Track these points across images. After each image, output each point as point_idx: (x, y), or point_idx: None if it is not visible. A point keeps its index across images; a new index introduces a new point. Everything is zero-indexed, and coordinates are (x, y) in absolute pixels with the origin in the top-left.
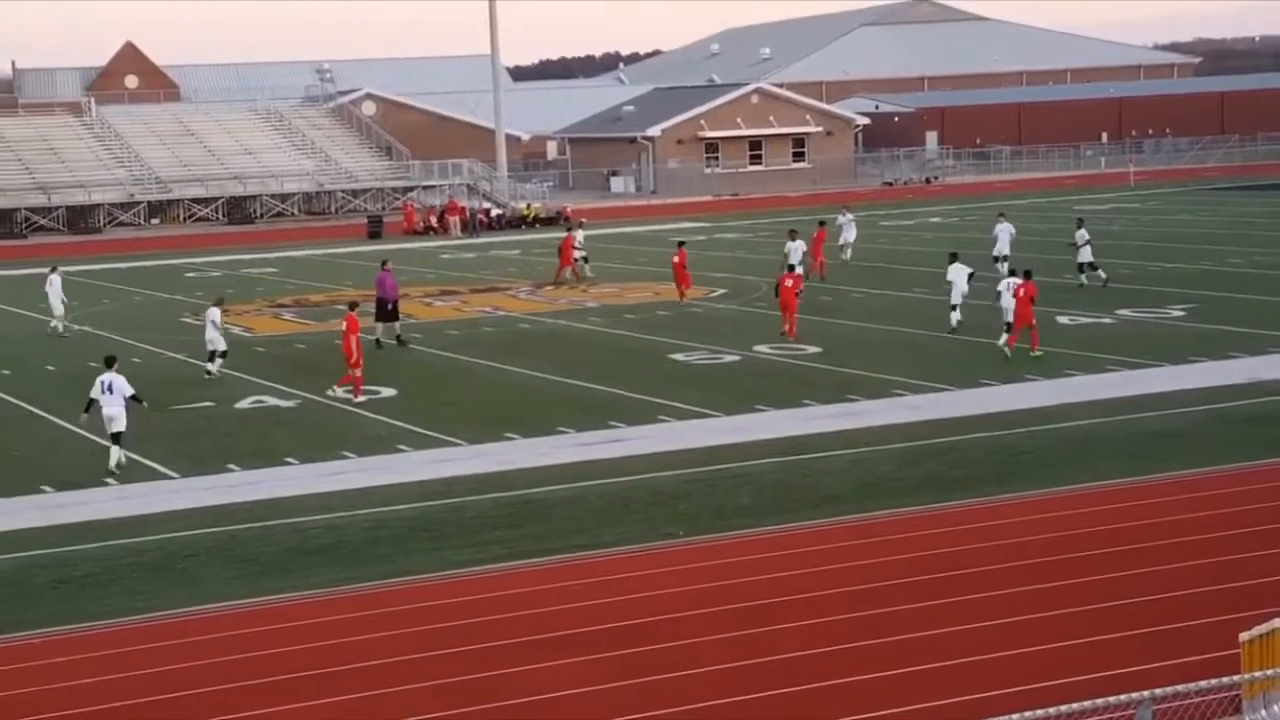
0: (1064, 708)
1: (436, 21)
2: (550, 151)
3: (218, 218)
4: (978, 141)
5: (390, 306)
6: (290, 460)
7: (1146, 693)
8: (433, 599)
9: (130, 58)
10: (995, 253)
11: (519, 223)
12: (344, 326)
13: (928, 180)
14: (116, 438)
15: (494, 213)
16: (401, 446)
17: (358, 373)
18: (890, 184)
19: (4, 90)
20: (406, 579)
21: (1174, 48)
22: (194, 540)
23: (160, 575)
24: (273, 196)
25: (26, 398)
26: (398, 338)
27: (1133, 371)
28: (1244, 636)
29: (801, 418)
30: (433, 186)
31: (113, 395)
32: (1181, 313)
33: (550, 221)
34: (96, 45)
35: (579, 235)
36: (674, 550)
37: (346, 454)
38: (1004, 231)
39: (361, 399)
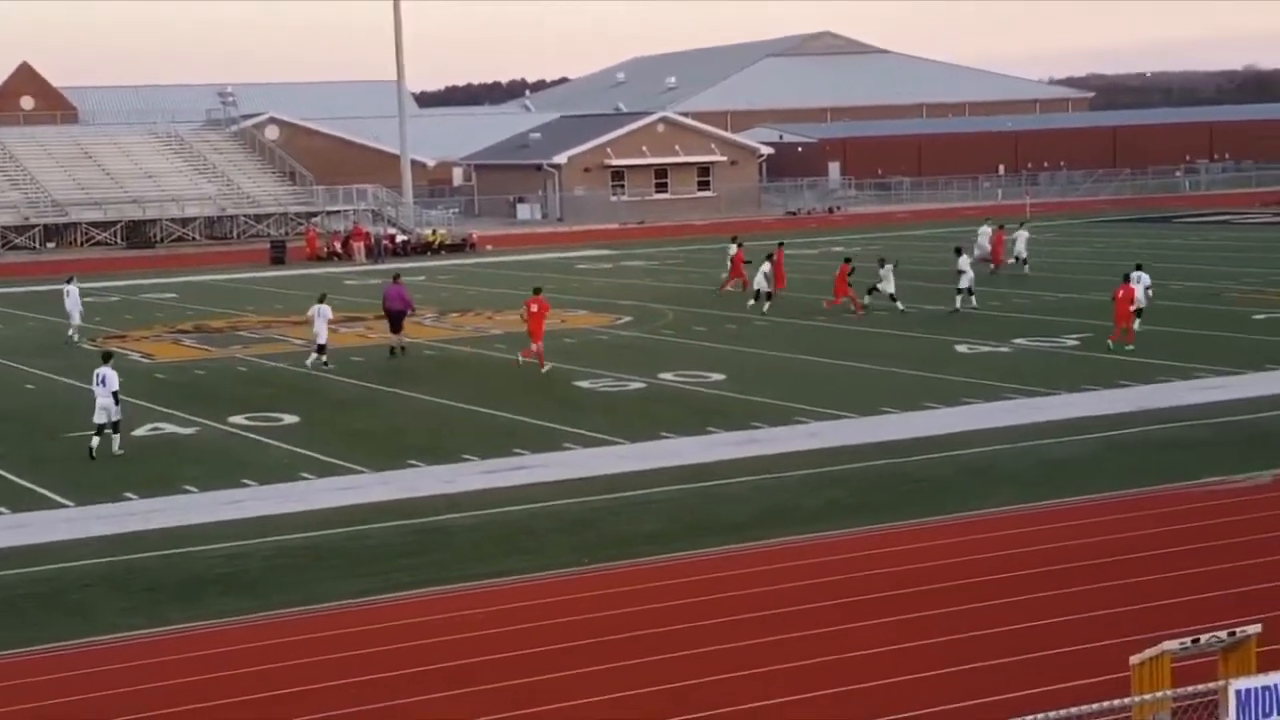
0: None
1: (342, 46)
2: (456, 178)
3: (116, 242)
4: (879, 172)
5: (401, 317)
6: (189, 488)
7: (1041, 715)
8: (334, 628)
9: (26, 78)
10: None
11: (424, 249)
12: (533, 309)
13: (830, 210)
14: (115, 426)
15: (399, 239)
16: (304, 474)
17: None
18: (794, 213)
19: None
20: (308, 608)
21: (1069, 83)
22: (89, 570)
23: (53, 606)
24: (173, 221)
25: None
26: (397, 349)
27: (1029, 399)
28: (1134, 659)
29: (706, 445)
30: (337, 212)
31: (104, 387)
32: (1076, 342)
33: (456, 248)
34: None
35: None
36: (578, 578)
37: (247, 481)
38: (1020, 238)
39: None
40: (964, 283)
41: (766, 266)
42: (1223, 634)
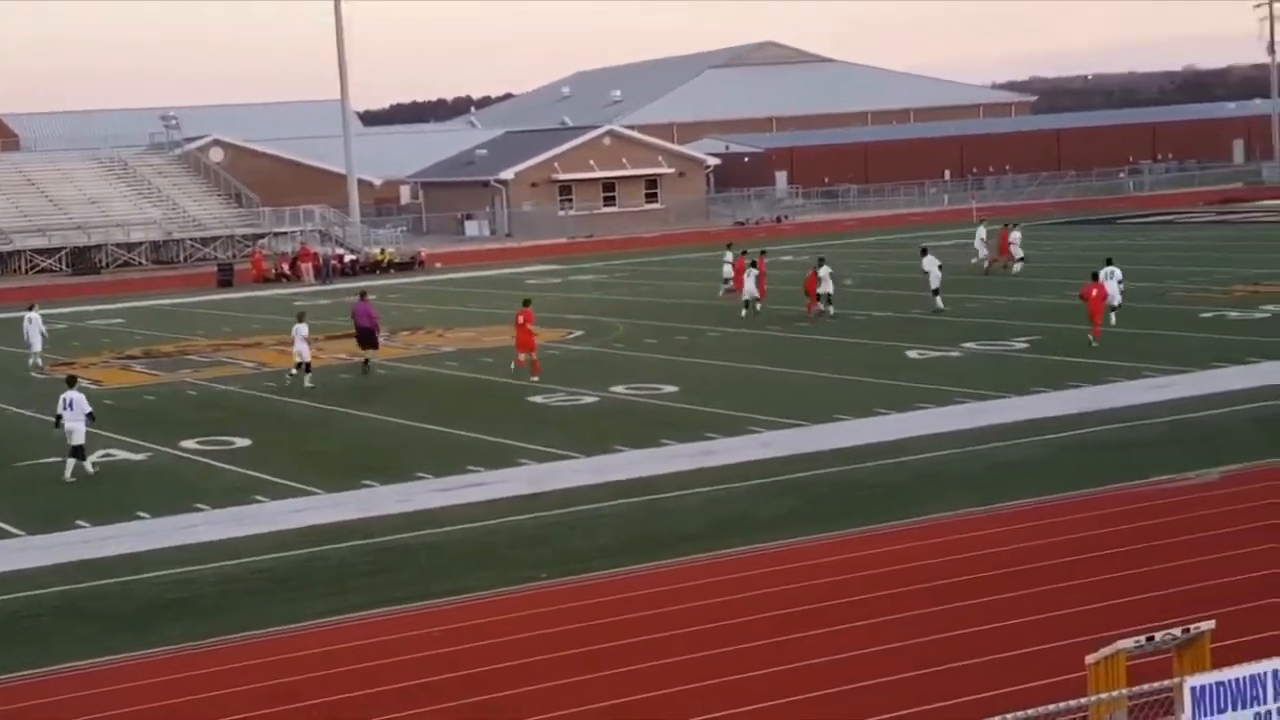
0: None
1: (285, 67)
2: (403, 196)
3: (61, 268)
4: (826, 180)
5: (372, 334)
6: (142, 514)
7: (999, 717)
8: (291, 650)
9: None
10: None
11: (373, 268)
12: (520, 320)
13: (779, 219)
14: (76, 451)
15: (348, 258)
16: (258, 497)
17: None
18: (742, 223)
19: None
20: (264, 631)
21: (1011, 86)
22: (41, 599)
23: (5, 636)
24: (119, 246)
25: None
26: (369, 364)
27: (979, 403)
28: (1090, 659)
29: (660, 457)
30: (284, 233)
31: (73, 411)
32: (1025, 345)
33: (405, 266)
34: None
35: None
36: (535, 593)
37: (200, 506)
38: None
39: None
40: (934, 283)
41: (754, 274)
42: (1177, 631)
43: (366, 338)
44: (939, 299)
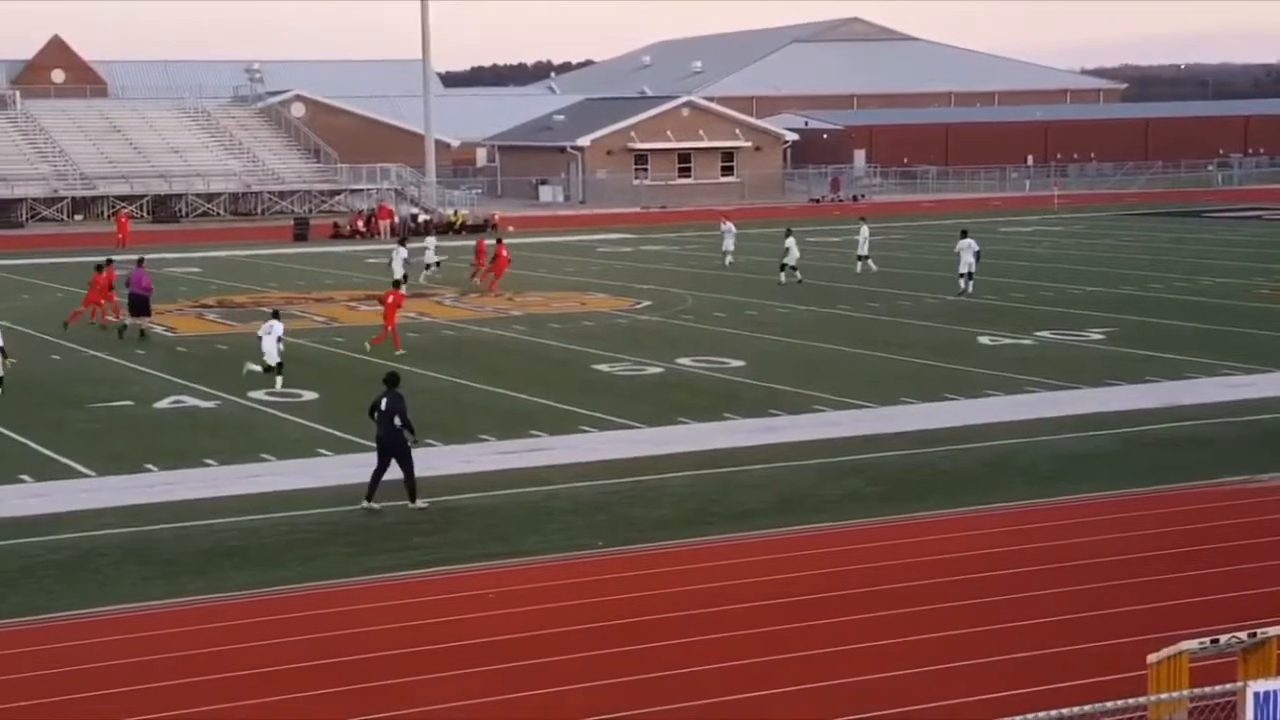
0: None
1: (369, 24)
2: (479, 159)
3: (142, 215)
4: (905, 161)
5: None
6: (209, 461)
7: (1054, 712)
8: (347, 604)
9: (57, 52)
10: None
11: (446, 229)
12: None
13: (855, 198)
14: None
15: (421, 218)
16: (321, 450)
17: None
18: (817, 200)
19: None
20: (322, 583)
21: (1100, 73)
22: (109, 540)
23: (73, 575)
24: (199, 196)
25: None
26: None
27: (1051, 393)
28: (1152, 658)
29: (723, 431)
30: (360, 190)
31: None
32: (1101, 336)
33: (478, 228)
34: (23, 38)
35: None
36: (591, 561)
37: (265, 456)
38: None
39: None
40: (963, 267)
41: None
42: (1243, 635)
43: (140, 305)
44: (963, 283)
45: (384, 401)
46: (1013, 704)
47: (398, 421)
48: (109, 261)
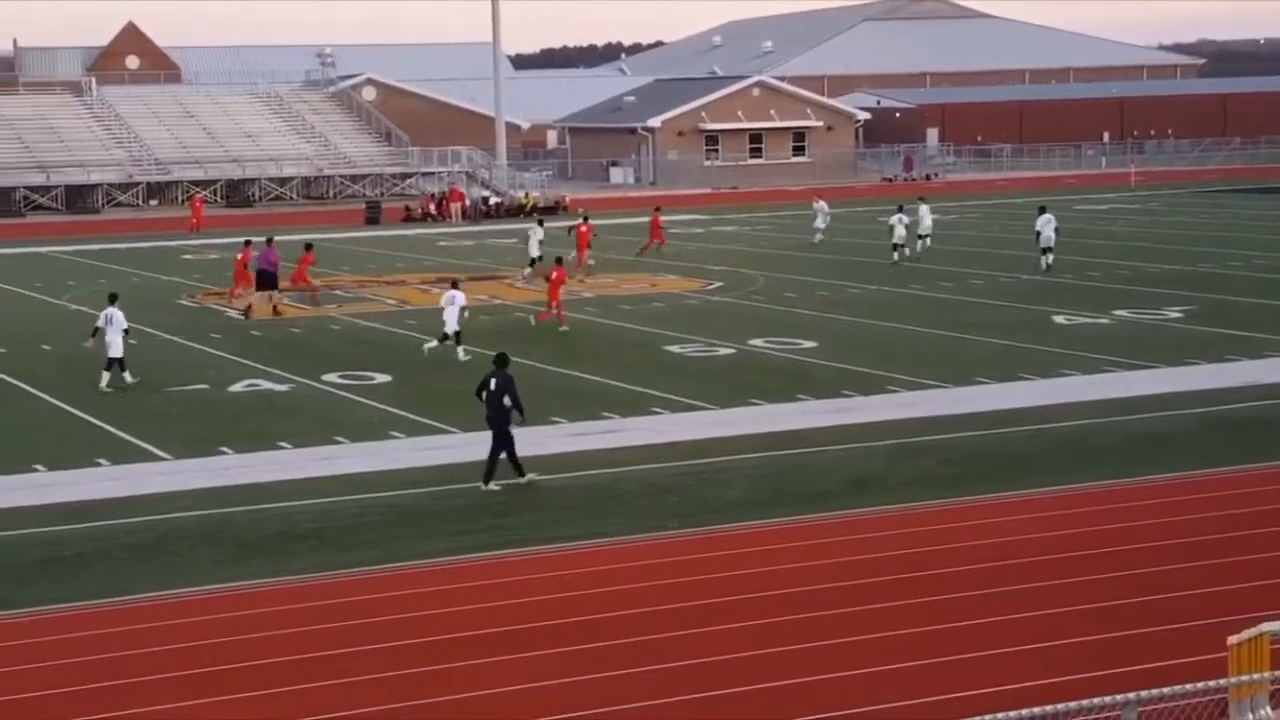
0: (1048, 708)
1: (439, 8)
2: (550, 141)
3: (216, 200)
4: (979, 139)
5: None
6: (283, 444)
7: (1132, 694)
8: (419, 586)
9: (132, 38)
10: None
11: (517, 211)
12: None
13: (928, 177)
14: (110, 364)
15: (492, 201)
16: (394, 433)
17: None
18: (890, 180)
19: (5, 68)
20: (394, 565)
21: (1178, 48)
22: (184, 522)
23: (149, 557)
24: (271, 180)
25: (21, 376)
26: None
27: (1128, 372)
28: (1232, 640)
29: (795, 412)
30: (431, 173)
31: (113, 326)
32: (1179, 314)
33: (549, 210)
34: (98, 25)
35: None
36: (663, 542)
37: (339, 439)
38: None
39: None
40: (1044, 242)
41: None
42: None
43: (267, 279)
44: (1043, 259)
45: (492, 381)
46: (1094, 686)
47: (507, 401)
48: (247, 242)
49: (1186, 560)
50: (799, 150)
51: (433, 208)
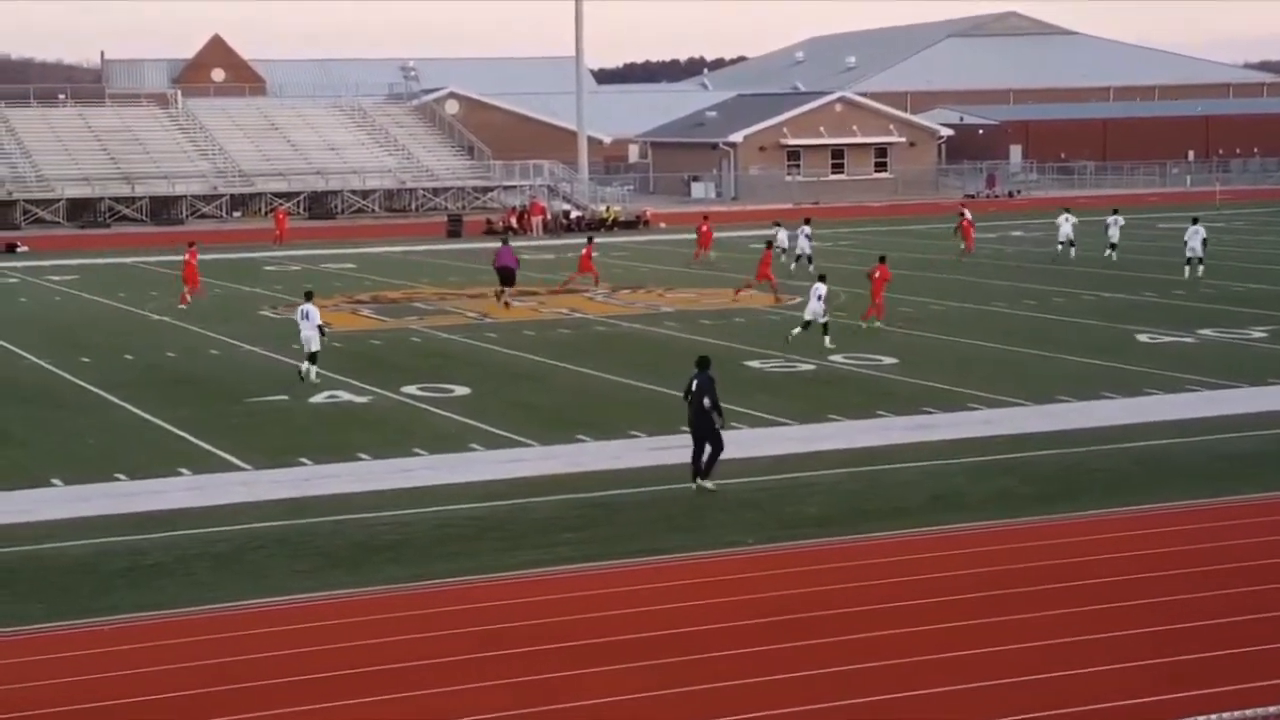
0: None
1: (521, 22)
2: (631, 155)
3: (299, 212)
4: (1062, 156)
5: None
6: (362, 456)
7: (1215, 716)
8: (498, 599)
9: (217, 51)
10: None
11: (598, 226)
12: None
13: (1010, 194)
14: (312, 357)
15: (573, 215)
16: (473, 445)
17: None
18: (972, 196)
19: (92, 80)
20: (472, 578)
21: (1264, 67)
22: (264, 533)
23: (229, 566)
24: (354, 192)
25: (105, 386)
26: (507, 299)
27: (1212, 392)
28: None
29: (875, 429)
30: (513, 187)
31: (308, 321)
32: (1264, 334)
33: (630, 225)
34: (184, 38)
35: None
36: (741, 558)
37: (418, 451)
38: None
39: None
40: (1189, 253)
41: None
42: None
43: (507, 276)
44: (1189, 269)
45: (694, 384)
46: (1188, 705)
47: (706, 403)
48: (191, 244)
49: (1272, 581)
50: (881, 166)
51: (514, 221)
